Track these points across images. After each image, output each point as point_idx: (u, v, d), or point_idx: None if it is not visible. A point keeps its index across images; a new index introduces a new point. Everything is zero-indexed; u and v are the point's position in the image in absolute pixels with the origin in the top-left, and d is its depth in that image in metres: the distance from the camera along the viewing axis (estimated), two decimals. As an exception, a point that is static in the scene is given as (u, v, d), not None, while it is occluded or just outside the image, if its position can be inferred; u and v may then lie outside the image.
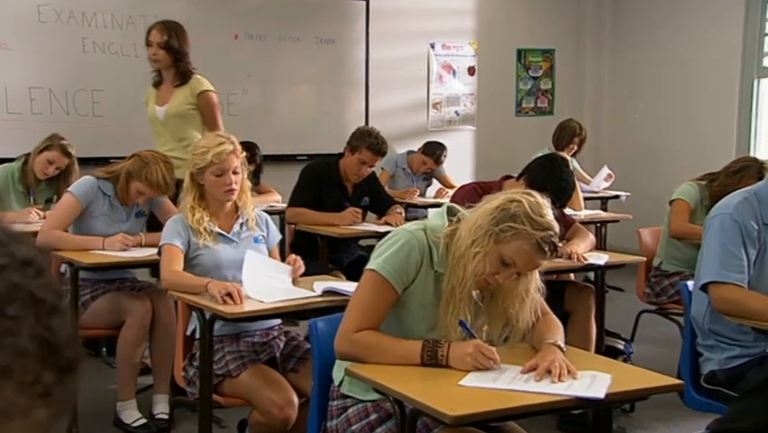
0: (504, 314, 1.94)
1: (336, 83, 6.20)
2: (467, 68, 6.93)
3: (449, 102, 6.83)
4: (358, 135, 4.04)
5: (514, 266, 1.85)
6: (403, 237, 1.93)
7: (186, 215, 2.67)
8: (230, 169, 2.62)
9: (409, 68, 6.59)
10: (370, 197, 4.22)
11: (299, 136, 6.02)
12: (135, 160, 3.18)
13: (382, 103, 6.38)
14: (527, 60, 7.24)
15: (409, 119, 6.60)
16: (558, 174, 3.00)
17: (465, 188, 3.24)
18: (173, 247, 2.64)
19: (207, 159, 2.57)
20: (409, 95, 6.62)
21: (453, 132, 6.79)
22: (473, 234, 1.84)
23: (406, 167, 5.63)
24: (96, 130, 5.25)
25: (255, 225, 2.79)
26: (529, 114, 7.29)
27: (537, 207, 1.84)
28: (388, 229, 3.74)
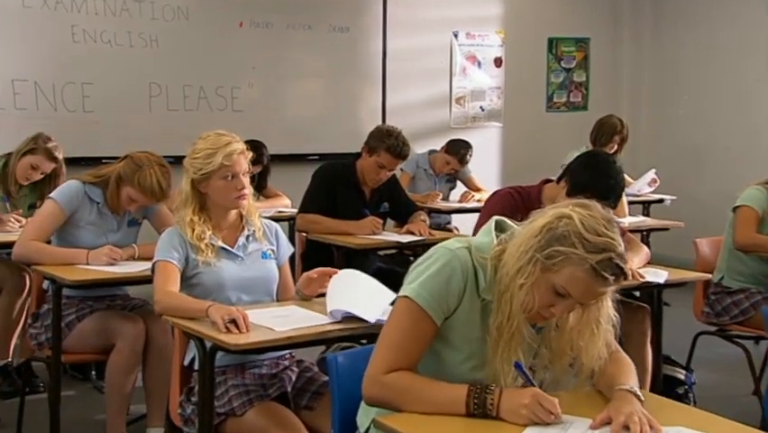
0: (569, 350, 1.71)
1: (350, 76, 6.17)
2: (493, 59, 6.89)
3: (473, 96, 6.80)
4: (376, 135, 3.90)
5: (570, 297, 1.62)
6: (442, 257, 1.70)
7: (184, 231, 2.49)
8: (241, 171, 2.47)
9: (430, 59, 6.55)
10: (390, 202, 4.09)
11: (309, 134, 5.99)
12: (127, 162, 3.07)
13: (400, 98, 6.36)
14: (559, 51, 7.20)
15: (430, 115, 6.56)
16: (604, 172, 2.79)
17: (500, 195, 3.05)
18: (168, 264, 2.45)
19: (216, 161, 2.41)
20: (430, 89, 6.59)
21: (478, 129, 6.75)
22: (517, 262, 1.63)
23: (428, 168, 5.50)
24: (87, 127, 5.19)
25: (263, 237, 2.61)
26: (561, 109, 7.25)
27: (592, 222, 1.60)
28: (412, 239, 3.72)
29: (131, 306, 3.21)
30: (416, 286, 1.69)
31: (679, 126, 7.06)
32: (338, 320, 2.30)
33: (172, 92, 5.45)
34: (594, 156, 2.95)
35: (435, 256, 1.72)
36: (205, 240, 2.47)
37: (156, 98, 5.41)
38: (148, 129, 5.25)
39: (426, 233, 3.86)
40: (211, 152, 2.46)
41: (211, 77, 5.55)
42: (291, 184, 4.90)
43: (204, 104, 5.56)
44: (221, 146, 2.46)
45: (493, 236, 1.73)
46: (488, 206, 3.02)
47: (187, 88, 5.50)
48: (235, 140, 2.51)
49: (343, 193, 3.91)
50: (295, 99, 6.00)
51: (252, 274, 2.53)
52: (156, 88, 5.41)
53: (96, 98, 5.21)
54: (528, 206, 2.77)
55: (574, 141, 5.60)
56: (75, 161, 4.47)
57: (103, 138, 5.17)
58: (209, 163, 2.42)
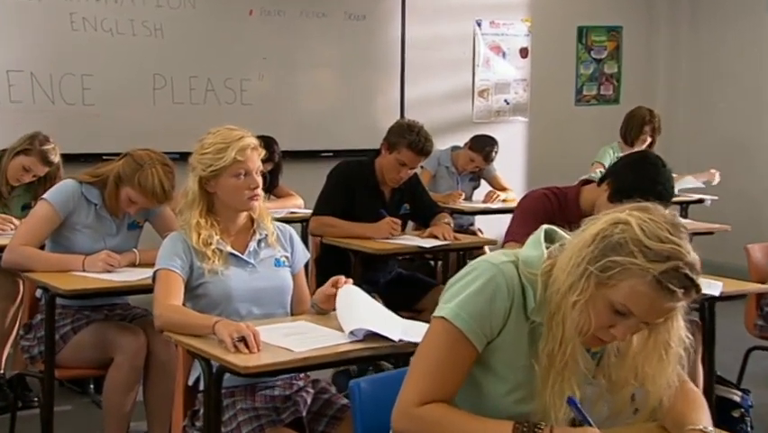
0: (633, 380, 1.55)
1: (367, 67, 6.10)
2: (519, 49, 6.80)
3: (497, 89, 6.73)
4: (397, 131, 3.82)
5: (632, 315, 1.46)
6: (485, 273, 1.55)
7: (189, 235, 2.39)
8: (254, 168, 2.40)
9: (452, 49, 6.46)
10: (411, 203, 4.01)
11: (323, 129, 5.94)
12: (127, 160, 3.00)
13: (420, 90, 6.28)
14: (590, 40, 7.12)
15: (451, 109, 6.49)
16: (652, 176, 2.66)
17: (534, 197, 2.93)
18: (171, 274, 2.35)
19: (228, 157, 2.33)
20: (451, 81, 6.51)
21: (502, 124, 6.67)
22: (569, 277, 1.48)
23: (450, 165, 5.39)
24: (86, 121, 5.14)
25: (276, 243, 2.51)
26: (591, 102, 7.17)
27: (653, 227, 1.45)
28: (435, 244, 3.64)
29: (131, 316, 3.14)
30: (453, 306, 1.55)
31: (720, 121, 6.95)
32: (359, 339, 2.17)
33: (178, 84, 5.40)
34: (642, 158, 2.83)
35: (477, 272, 1.57)
36: (212, 246, 2.38)
37: (160, 91, 5.37)
38: (151, 123, 5.20)
39: (451, 237, 3.77)
40: (222, 146, 2.38)
41: (219, 68, 5.50)
42: (303, 182, 4.86)
43: (211, 97, 5.50)
44: (233, 140, 2.38)
45: (543, 249, 1.58)
46: (521, 208, 2.93)
47: (194, 80, 5.45)
48: (248, 134, 2.43)
49: (361, 194, 3.83)
50: (308, 92, 5.95)
51: (264, 284, 2.44)
52: (160, 80, 5.37)
53: (97, 91, 5.16)
54: (565, 209, 2.81)
55: (605, 136, 5.55)
56: (73, 158, 4.43)
57: (103, 133, 5.12)
58: (220, 159, 2.35)
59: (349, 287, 2.34)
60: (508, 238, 2.80)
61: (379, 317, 2.24)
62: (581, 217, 2.72)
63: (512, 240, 2.78)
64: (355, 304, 2.28)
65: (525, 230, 2.69)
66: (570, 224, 2.73)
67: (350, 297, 2.31)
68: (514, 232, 2.81)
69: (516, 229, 2.81)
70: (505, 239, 2.83)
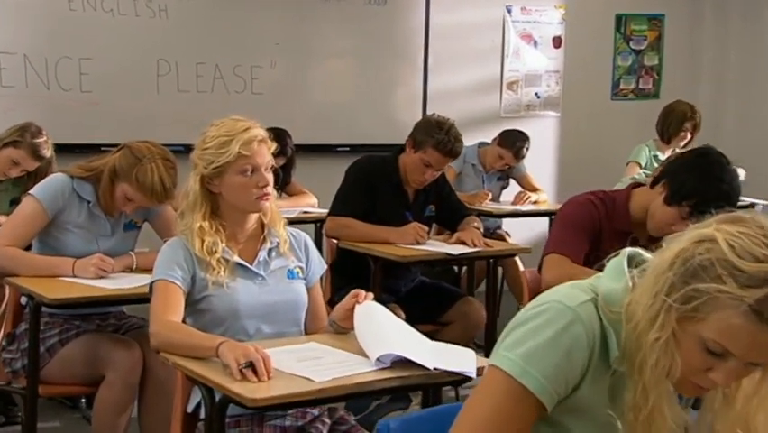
0: (741, 430, 1.33)
1: (388, 56, 6.04)
2: (552, 38, 6.71)
3: (528, 81, 6.64)
4: (423, 128, 3.72)
5: (731, 355, 1.25)
6: (559, 319, 1.32)
7: (190, 242, 2.26)
8: (263, 164, 2.27)
9: (479, 37, 6.39)
10: (438, 204, 3.91)
11: (339, 122, 5.87)
12: (124, 153, 2.92)
13: (444, 82, 6.19)
14: (629, 29, 6.99)
15: (477, 102, 6.42)
16: (715, 174, 2.50)
17: (578, 202, 2.75)
18: (170, 285, 2.21)
19: (232, 151, 2.21)
20: (478, 72, 6.43)
21: (532, 119, 6.57)
22: (647, 310, 1.27)
23: (477, 163, 5.28)
24: (83, 109, 5.09)
25: (289, 251, 2.37)
26: (629, 97, 7.06)
27: (747, 243, 1.22)
28: (464, 251, 3.53)
29: (126, 326, 3.04)
30: (519, 359, 1.32)
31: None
32: (387, 366, 1.99)
33: (183, 71, 5.33)
34: (703, 154, 2.63)
35: (548, 315, 1.33)
36: (217, 254, 2.26)
37: (164, 77, 5.30)
38: (154, 113, 5.17)
39: (481, 243, 3.65)
40: (225, 139, 2.25)
41: (228, 54, 5.44)
42: (317, 179, 4.85)
43: (219, 85, 5.43)
44: (237, 132, 2.25)
45: (627, 279, 1.35)
46: (563, 216, 2.77)
47: (201, 67, 5.39)
48: (255, 126, 2.30)
49: (383, 193, 3.74)
50: (323, 82, 5.88)
51: (276, 298, 2.30)
52: (165, 66, 5.29)
53: (95, 76, 5.10)
54: (613, 216, 2.66)
55: (643, 134, 5.45)
56: (68, 149, 4.39)
57: (102, 122, 5.06)
58: (223, 154, 2.23)
59: (369, 303, 2.19)
60: (550, 250, 2.67)
61: (407, 340, 2.09)
62: (632, 225, 2.67)
63: (554, 252, 2.65)
64: (378, 323, 2.13)
65: (569, 240, 2.66)
66: (618, 233, 2.67)
67: (371, 315, 2.15)
68: (556, 242, 2.68)
69: (559, 239, 2.68)
70: (546, 250, 2.69)
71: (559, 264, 2.59)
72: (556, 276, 2.49)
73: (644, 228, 2.62)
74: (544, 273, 2.65)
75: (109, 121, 5.06)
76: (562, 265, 2.58)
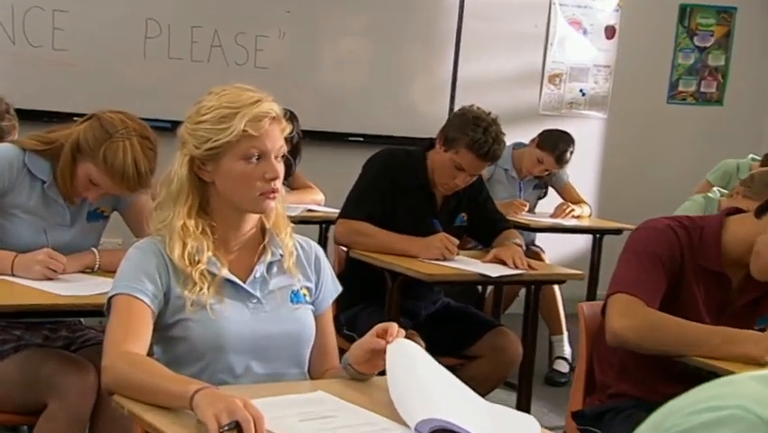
0: None
1: (414, 36, 5.95)
2: (604, 27, 6.57)
3: (573, 75, 6.54)
4: (457, 122, 3.56)
5: None
6: None
7: (168, 245, 1.98)
8: (274, 150, 1.99)
9: (521, 20, 6.27)
10: (471, 212, 3.72)
11: (353, 107, 5.77)
12: (92, 125, 2.69)
13: (477, 69, 6.09)
14: (694, 22, 6.83)
15: (514, 96, 6.29)
16: None
17: (653, 228, 2.51)
18: (135, 303, 1.91)
19: (236, 128, 1.94)
20: (517, 60, 6.32)
21: (575, 119, 6.45)
22: None
23: (510, 168, 5.16)
24: (56, 70, 4.98)
25: (295, 267, 2.09)
26: (687, 101, 6.91)
27: None
28: (503, 273, 3.36)
29: (81, 341, 2.79)
30: None
31: None
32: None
33: (176, 35, 5.23)
34: None
35: (729, 429, 0.97)
36: (201, 265, 1.98)
37: (153, 41, 5.20)
38: (138, 81, 5.09)
39: (524, 264, 3.42)
40: (228, 112, 1.97)
41: (230, 18, 5.34)
42: (325, 172, 4.75)
43: (217, 54, 5.31)
44: (244, 105, 1.97)
45: None
46: (635, 245, 2.52)
47: (197, 31, 5.27)
48: (267, 99, 2.02)
49: (407, 195, 3.59)
50: (338, 60, 5.80)
51: (274, 328, 2.02)
52: (154, 27, 5.18)
53: (72, 33, 4.97)
54: (699, 248, 2.43)
55: (703, 145, 5.65)
56: (36, 116, 4.35)
57: (77, 87, 4.94)
58: (223, 131, 1.97)
59: (402, 343, 1.88)
60: (619, 288, 2.41)
61: (456, 400, 1.80)
62: (724, 263, 2.36)
63: (624, 291, 2.39)
64: (417, 375, 1.82)
65: (642, 277, 2.36)
66: (706, 271, 2.36)
67: (408, 361, 1.85)
68: (627, 279, 2.41)
69: (631, 275, 2.42)
70: (613, 288, 2.42)
71: (631, 310, 2.34)
72: (629, 327, 2.31)
73: (741, 268, 2.41)
74: (612, 320, 2.38)
75: (84, 86, 4.93)
76: (634, 311, 2.34)
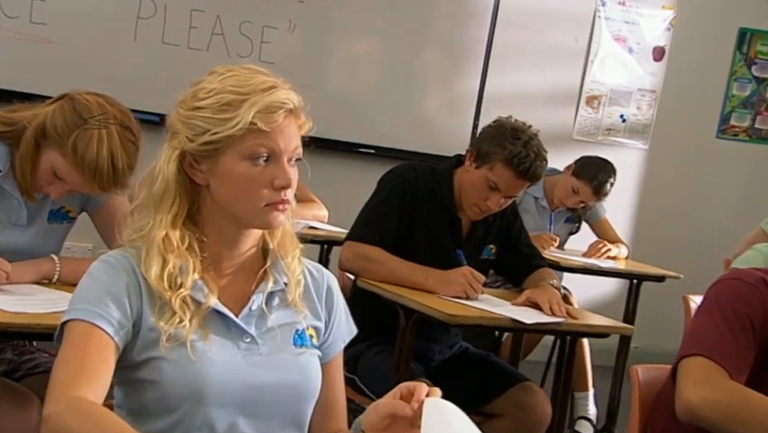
0: None
1: (438, 41, 5.94)
2: (652, 48, 6.49)
3: (613, 98, 6.48)
4: (492, 134, 3.48)
5: None
6: None
7: (144, 261, 1.77)
8: (288, 150, 1.78)
9: (561, 33, 6.22)
10: (501, 244, 3.63)
11: (365, 115, 5.74)
12: (63, 107, 2.58)
13: (507, 83, 6.04)
14: (753, 50, 6.76)
15: (546, 116, 6.04)
16: None
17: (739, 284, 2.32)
18: (95, 332, 1.67)
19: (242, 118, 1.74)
20: (552, 76, 6.26)
21: (612, 147, 6.37)
22: None
23: (541, 196, 5.13)
24: (33, 47, 4.94)
25: (301, 300, 1.87)
26: (740, 137, 6.84)
27: None
28: (540, 320, 3.22)
29: (28, 367, 2.66)
30: None
31: None
32: None
33: (173, 17, 5.18)
34: None
35: None
36: (184, 290, 1.76)
37: (146, 22, 5.15)
38: (127, 66, 5.03)
39: (563, 311, 3.25)
40: (233, 98, 1.76)
41: (235, 4, 5.32)
42: (330, 185, 4.56)
43: (218, 43, 5.27)
44: (255, 91, 1.76)
45: None
46: (715, 301, 2.33)
47: (197, 16, 5.23)
48: (284, 86, 1.80)
49: (427, 219, 3.49)
50: (352, 61, 5.78)
51: (270, 377, 1.81)
52: (149, 6, 5.15)
53: (53, 5, 4.93)
54: None
55: (754, 186, 5.73)
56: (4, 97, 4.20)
57: (54, 68, 4.84)
58: (225, 121, 1.77)
59: (438, 405, 1.66)
60: (698, 351, 2.20)
61: None
62: None
63: (704, 354, 2.19)
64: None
65: (726, 341, 2.24)
66: None
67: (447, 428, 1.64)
68: (709, 341, 2.22)
69: (713, 336, 2.23)
70: (689, 349, 2.22)
71: (711, 380, 2.14)
72: (708, 401, 2.07)
73: None
74: (687, 389, 2.15)
75: (62, 68, 4.83)
76: (716, 382, 2.13)
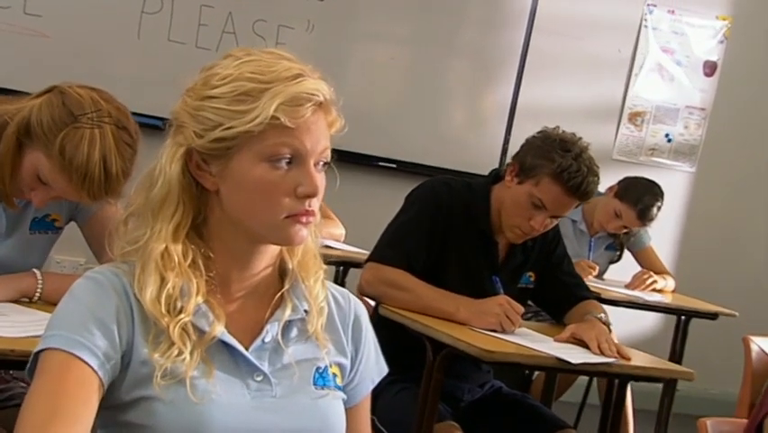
0: None
1: (468, 48, 5.93)
2: (703, 62, 6.44)
3: (658, 116, 6.43)
4: (538, 146, 3.42)
5: None
6: None
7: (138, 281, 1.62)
8: (314, 152, 1.64)
9: (603, 42, 6.20)
10: (541, 272, 3.54)
11: (387, 126, 5.74)
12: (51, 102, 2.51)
13: (542, 95, 6.03)
14: None
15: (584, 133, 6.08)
16: None
17: None
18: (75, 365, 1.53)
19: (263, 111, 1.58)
20: (592, 90, 6.24)
21: (656, 169, 6.30)
22: None
23: (580, 219, 5.07)
24: (26, 41, 4.92)
25: (323, 331, 1.72)
26: None
27: None
28: (587, 360, 3.07)
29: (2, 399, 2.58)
30: None
31: None
32: None
33: (181, 12, 5.18)
34: None
35: None
36: (185, 315, 1.61)
37: (151, 17, 5.14)
38: (128, 65, 5.06)
39: (613, 351, 3.13)
40: (252, 87, 1.60)
41: (248, 0, 5.32)
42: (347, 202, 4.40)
43: (229, 42, 5.23)
44: (278, 79, 1.60)
45: None
46: None
47: (207, 12, 5.23)
48: (312, 75, 1.66)
49: (460, 240, 3.39)
50: (374, 66, 5.75)
51: (285, 424, 1.68)
52: (154, 1, 5.14)
53: None
54: None
55: None
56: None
57: (49, 65, 4.81)
58: (242, 114, 1.60)
59: None
60: None
61: None
62: None
63: None
64: None
65: None
66: None
67: None
68: None
69: None
70: None
71: None
72: None
73: None
74: None
75: (58, 65, 4.79)
76: None
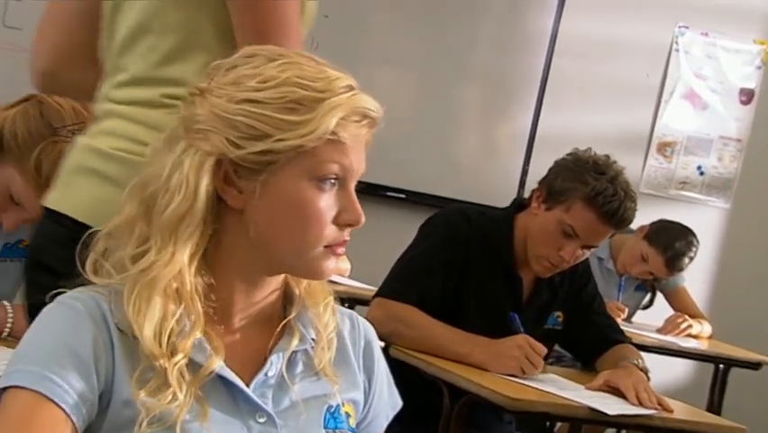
0: None
1: (483, 71, 6.02)
2: (739, 89, 6.48)
3: (690, 147, 6.48)
4: (569, 168, 3.41)
5: None
6: None
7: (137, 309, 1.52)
8: (358, 174, 1.64)
9: (631, 66, 6.25)
10: (568, 312, 3.51)
11: (395, 154, 5.69)
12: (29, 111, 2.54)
13: (564, 122, 6.08)
14: None
15: None
16: None
17: None
18: (44, 407, 1.44)
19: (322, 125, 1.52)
20: (619, 117, 6.29)
21: (687, 204, 6.43)
22: None
23: (607, 257, 5.10)
24: (4, 55, 4.97)
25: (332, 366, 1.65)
26: None
27: None
28: (626, 411, 3.04)
29: None
30: None
31: None
32: None
33: None
34: None
35: None
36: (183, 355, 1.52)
37: None
38: None
39: (653, 402, 3.10)
40: (306, 95, 1.52)
41: None
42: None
43: None
44: (333, 88, 1.53)
45: None
46: None
47: None
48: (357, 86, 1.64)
49: (480, 275, 3.37)
50: (380, 88, 5.58)
51: None
52: None
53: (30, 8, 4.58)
54: None
55: None
56: None
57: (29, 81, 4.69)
58: (300, 125, 1.54)
59: None
60: None
61: None
62: None
63: None
64: None
65: None
66: None
67: None
68: None
69: None
70: None
71: None
72: None
73: None
74: None
75: None
76: None
